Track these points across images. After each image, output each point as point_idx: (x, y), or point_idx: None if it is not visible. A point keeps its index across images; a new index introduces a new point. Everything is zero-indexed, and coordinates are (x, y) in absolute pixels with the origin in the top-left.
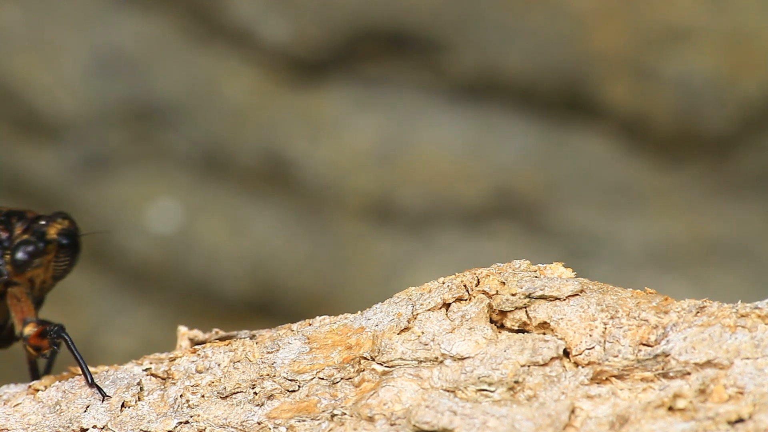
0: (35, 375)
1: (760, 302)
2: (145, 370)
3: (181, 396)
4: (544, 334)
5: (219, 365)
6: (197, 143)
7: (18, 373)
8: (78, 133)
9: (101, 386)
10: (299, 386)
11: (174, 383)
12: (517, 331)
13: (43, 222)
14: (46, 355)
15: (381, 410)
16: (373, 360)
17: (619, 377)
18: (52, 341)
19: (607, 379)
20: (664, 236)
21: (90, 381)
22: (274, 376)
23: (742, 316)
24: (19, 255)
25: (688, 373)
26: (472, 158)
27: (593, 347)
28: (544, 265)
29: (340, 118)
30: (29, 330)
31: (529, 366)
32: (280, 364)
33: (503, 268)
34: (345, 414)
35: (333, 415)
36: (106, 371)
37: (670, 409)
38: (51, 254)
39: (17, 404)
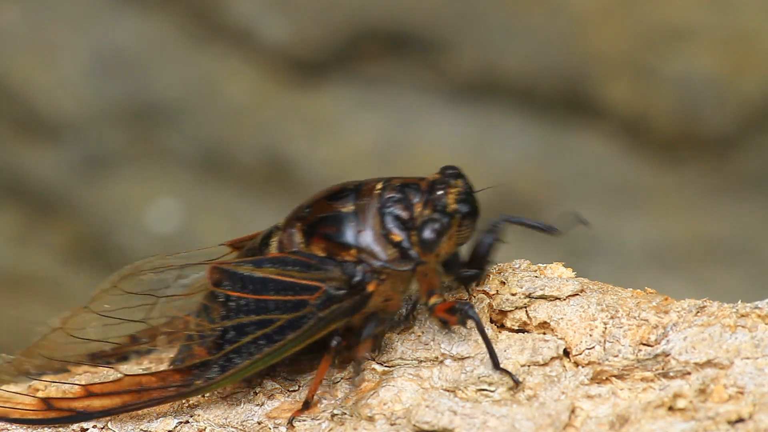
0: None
1: (760, 302)
2: (145, 369)
3: None
4: (545, 333)
5: None
6: (197, 143)
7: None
8: (78, 133)
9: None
10: (299, 386)
11: None
12: (518, 331)
13: (440, 192)
14: (451, 330)
15: (381, 410)
16: (373, 360)
17: (619, 377)
18: (462, 319)
19: (607, 378)
20: (664, 236)
21: (495, 364)
22: (274, 375)
23: (742, 315)
24: (427, 235)
25: (689, 373)
26: (472, 158)
27: (593, 347)
28: (544, 265)
29: (340, 118)
30: (434, 300)
31: (529, 366)
32: (280, 363)
33: (503, 267)
34: (345, 414)
35: (333, 415)
36: (106, 371)
37: (670, 408)
38: (455, 227)
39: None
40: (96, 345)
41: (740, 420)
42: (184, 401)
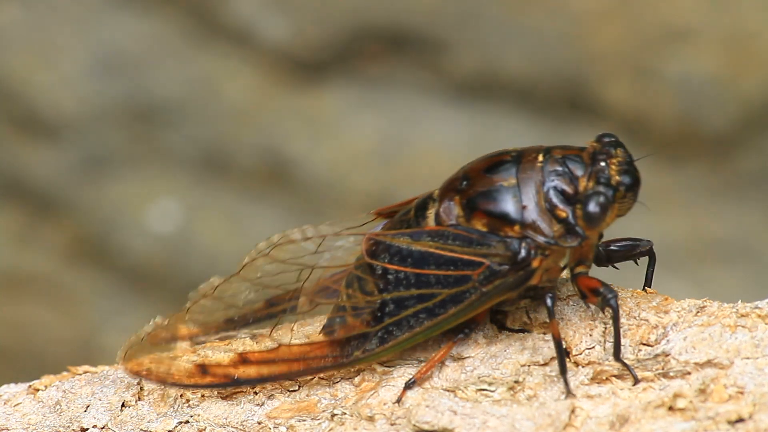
0: None
1: (760, 302)
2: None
3: (181, 396)
4: (545, 333)
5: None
6: (197, 143)
7: (18, 374)
8: (78, 133)
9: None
10: (299, 386)
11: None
12: (518, 331)
13: (602, 163)
14: (588, 305)
15: (381, 410)
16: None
17: (619, 377)
18: (602, 305)
19: (607, 378)
20: (664, 236)
21: (617, 354)
22: None
23: (742, 315)
24: (592, 209)
25: (689, 373)
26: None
27: (593, 347)
28: None
29: (340, 118)
30: (581, 269)
31: (529, 365)
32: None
33: None
34: (345, 414)
35: (333, 415)
36: (106, 371)
37: (670, 408)
38: (618, 199)
39: (17, 404)
40: (247, 311)
41: (740, 420)
42: (184, 401)
